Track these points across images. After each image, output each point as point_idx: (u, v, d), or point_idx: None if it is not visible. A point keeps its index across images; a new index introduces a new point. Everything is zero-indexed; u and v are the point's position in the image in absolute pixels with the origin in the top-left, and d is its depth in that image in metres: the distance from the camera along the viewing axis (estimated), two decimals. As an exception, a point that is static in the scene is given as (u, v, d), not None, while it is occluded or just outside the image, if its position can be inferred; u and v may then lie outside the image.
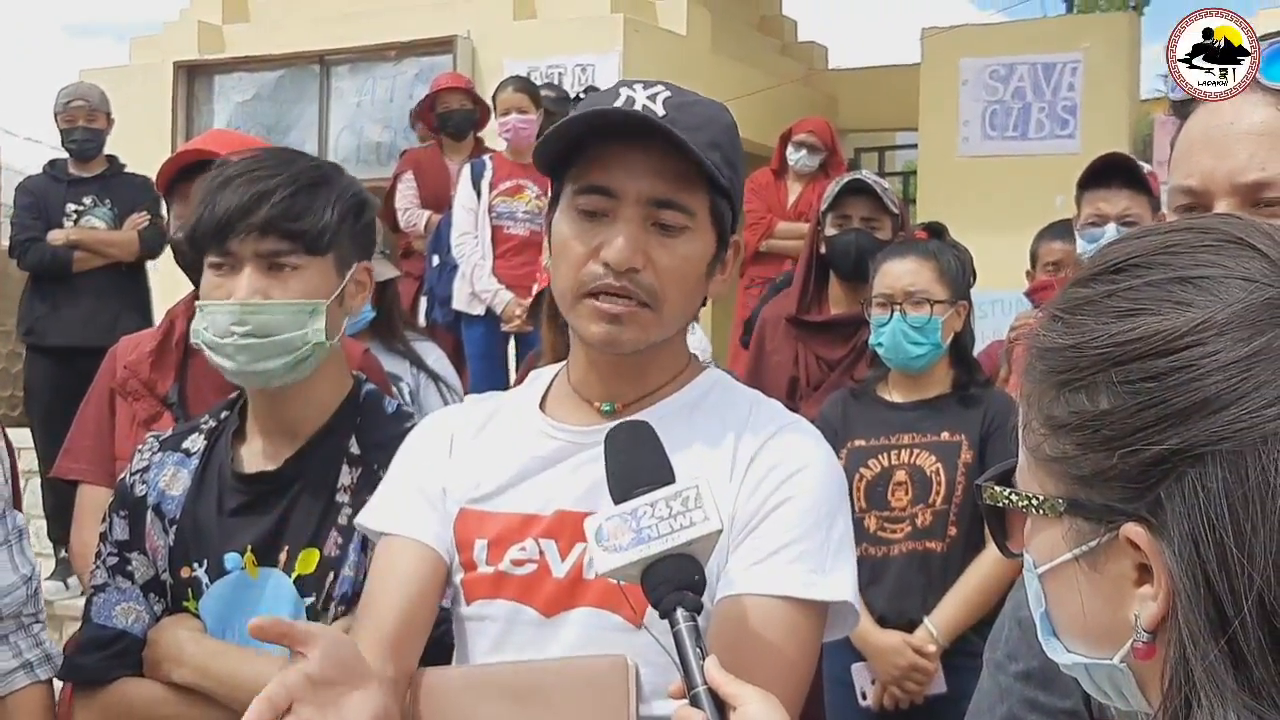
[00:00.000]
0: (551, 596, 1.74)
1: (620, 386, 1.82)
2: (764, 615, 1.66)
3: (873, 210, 4.30)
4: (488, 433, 1.88)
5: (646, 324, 1.74)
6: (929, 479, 3.53)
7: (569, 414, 1.84)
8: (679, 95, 1.73)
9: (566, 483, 1.77)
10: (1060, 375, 1.00)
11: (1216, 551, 0.90)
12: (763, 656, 1.63)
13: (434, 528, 1.82)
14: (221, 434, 2.29)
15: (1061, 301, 1.03)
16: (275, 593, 2.15)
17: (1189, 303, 0.95)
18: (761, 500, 1.71)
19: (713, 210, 1.76)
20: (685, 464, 1.59)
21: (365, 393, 2.30)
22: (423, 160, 7.58)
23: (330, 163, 2.31)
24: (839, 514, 1.75)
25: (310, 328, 2.13)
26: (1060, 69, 10.65)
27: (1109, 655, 1.00)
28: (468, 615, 1.82)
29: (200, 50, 11.75)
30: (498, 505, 1.80)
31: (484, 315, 6.80)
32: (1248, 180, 1.47)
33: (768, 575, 1.67)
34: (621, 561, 1.47)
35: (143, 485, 2.27)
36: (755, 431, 1.78)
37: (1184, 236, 1.00)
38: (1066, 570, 1.01)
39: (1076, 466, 0.98)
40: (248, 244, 2.11)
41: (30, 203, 6.90)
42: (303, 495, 2.18)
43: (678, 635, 1.43)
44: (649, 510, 1.47)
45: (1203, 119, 1.53)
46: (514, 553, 1.77)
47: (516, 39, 10.32)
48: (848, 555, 1.74)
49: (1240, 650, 0.89)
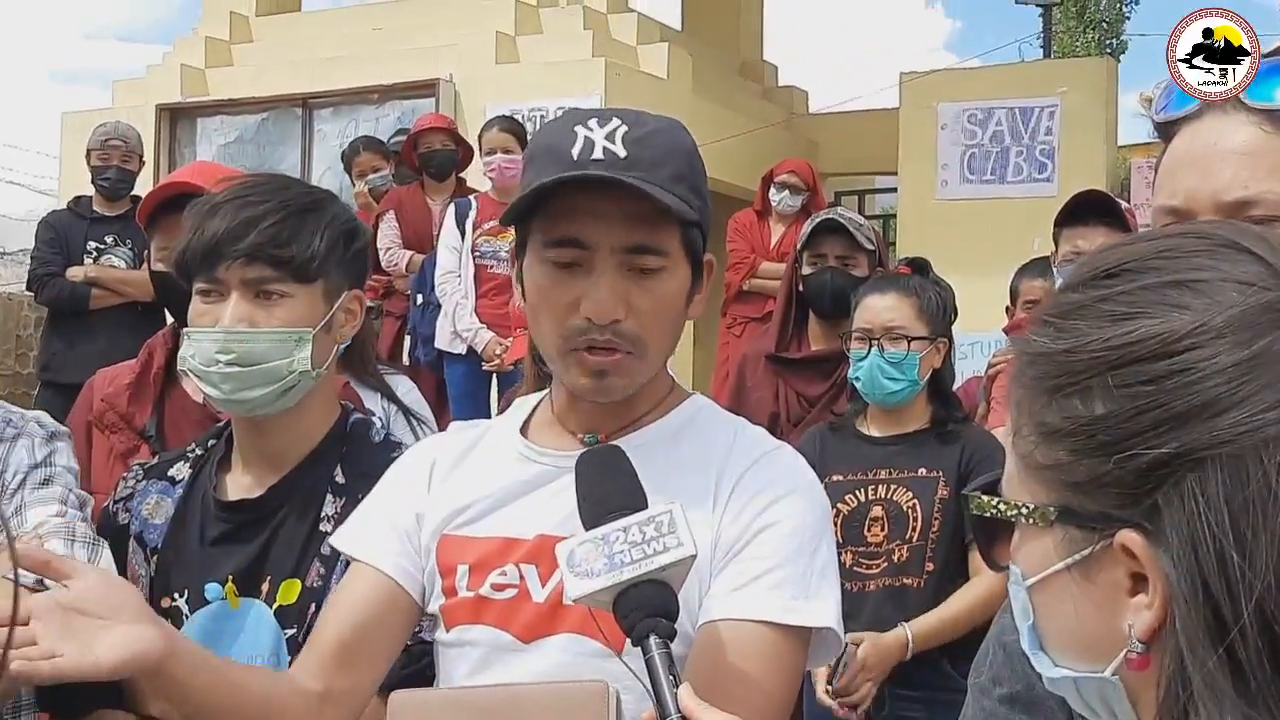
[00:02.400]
0: (530, 622, 1.73)
1: (604, 419, 1.81)
2: (745, 641, 1.64)
3: (848, 248, 4.31)
4: (471, 459, 1.87)
5: (633, 371, 1.73)
6: (905, 515, 3.52)
7: (551, 440, 1.83)
8: (636, 127, 1.69)
9: (548, 507, 1.75)
10: (1053, 380, 0.98)
11: (1216, 557, 0.88)
12: (743, 683, 1.61)
13: (394, 557, 1.81)
14: (207, 462, 2.27)
15: (1052, 307, 1.02)
16: (256, 624, 2.12)
17: (1186, 306, 0.93)
18: (744, 526, 1.70)
19: (686, 243, 1.74)
20: (668, 490, 1.56)
21: (352, 422, 2.28)
22: (405, 200, 7.59)
23: (323, 189, 2.29)
24: (823, 540, 1.73)
25: (296, 356, 2.11)
26: (1037, 113, 10.71)
27: (1100, 668, 0.98)
28: (446, 641, 1.80)
29: (183, 93, 11.78)
30: (479, 530, 1.79)
31: (466, 354, 6.80)
32: (1231, 199, 1.47)
33: (749, 601, 1.65)
34: (593, 587, 1.44)
35: (125, 514, 2.25)
36: (738, 458, 1.76)
37: (1178, 241, 0.99)
38: (1057, 581, 0.99)
39: (1070, 473, 0.97)
40: (235, 271, 2.08)
41: (52, 238, 6.91)
42: (285, 524, 2.15)
43: (650, 662, 1.41)
44: (622, 536, 1.45)
45: (1186, 139, 1.53)
46: (494, 577, 1.75)
47: (499, 82, 10.37)
48: (831, 581, 1.72)
49: (1239, 658, 0.88)
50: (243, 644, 2.11)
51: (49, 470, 2.11)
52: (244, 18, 12.38)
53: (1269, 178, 1.47)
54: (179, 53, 12.32)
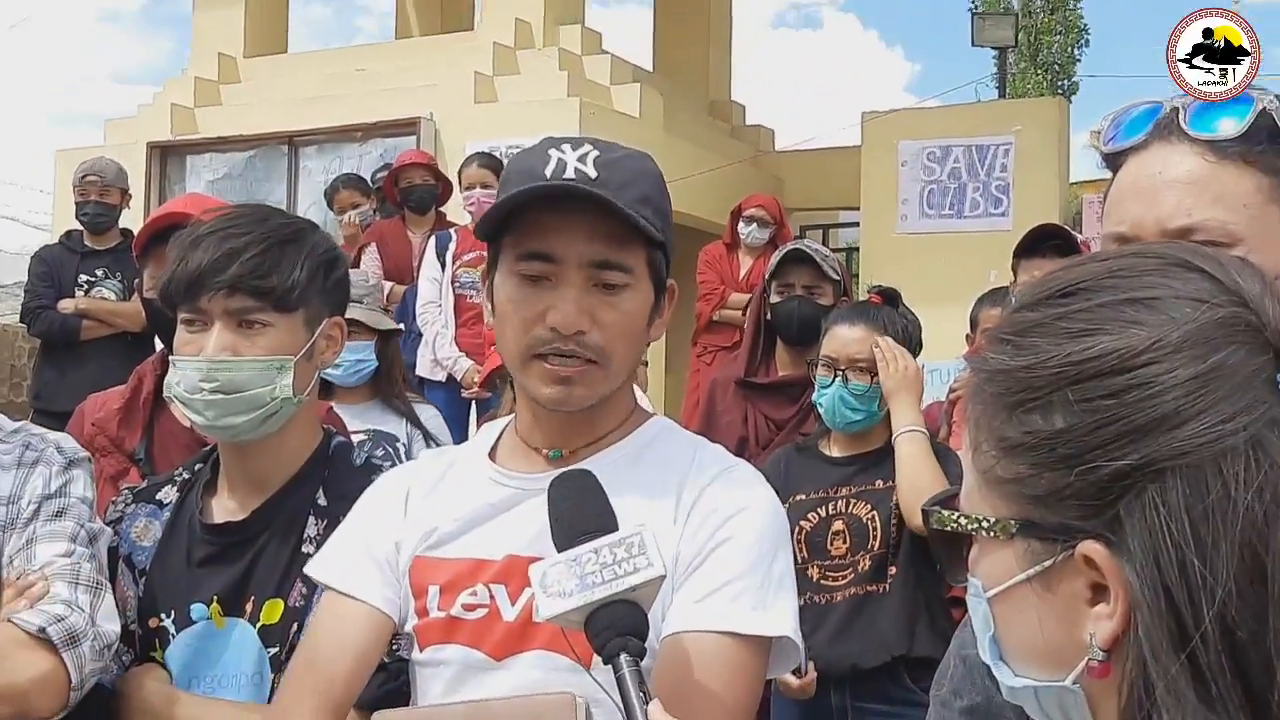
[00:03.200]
0: (501, 640, 1.72)
1: (567, 435, 1.81)
2: (707, 651, 1.64)
3: (814, 278, 4.34)
4: (443, 485, 1.86)
5: (596, 381, 1.74)
6: (865, 526, 3.55)
7: (518, 462, 1.83)
8: (606, 152, 1.72)
9: (515, 528, 1.75)
10: (1013, 396, 0.97)
11: (1178, 566, 0.88)
12: (706, 692, 1.61)
13: (381, 590, 1.80)
14: (194, 486, 2.26)
15: (1009, 325, 1.01)
16: (240, 643, 2.11)
17: (1142, 322, 0.93)
18: (704, 541, 1.70)
19: (650, 263, 1.76)
20: (630, 507, 1.57)
21: (334, 445, 2.27)
22: (386, 232, 7.60)
23: (304, 219, 2.28)
24: (780, 552, 1.74)
25: (279, 383, 2.10)
26: (993, 151, 10.78)
27: (1061, 677, 0.97)
28: (421, 661, 1.79)
29: (173, 131, 11.75)
30: (449, 551, 1.79)
31: (445, 382, 6.80)
32: (1175, 226, 1.48)
33: (710, 612, 1.65)
34: (565, 607, 1.44)
35: (115, 537, 2.23)
36: (698, 475, 1.77)
37: (1132, 261, 0.99)
38: (1018, 592, 0.99)
39: (1031, 486, 0.96)
40: (217, 301, 2.08)
41: (44, 271, 6.90)
42: (269, 546, 2.14)
43: (621, 680, 1.41)
44: (593, 557, 1.45)
45: (1133, 170, 1.54)
46: (465, 598, 1.75)
47: (478, 121, 10.37)
48: (788, 591, 1.72)
49: (1200, 665, 0.88)
50: (227, 662, 2.10)
51: (63, 501, 2.08)
52: (231, 59, 12.36)
53: (1211, 206, 1.48)
54: (169, 92, 12.28)
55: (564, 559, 1.46)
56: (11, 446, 2.12)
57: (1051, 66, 26.16)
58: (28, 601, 1.92)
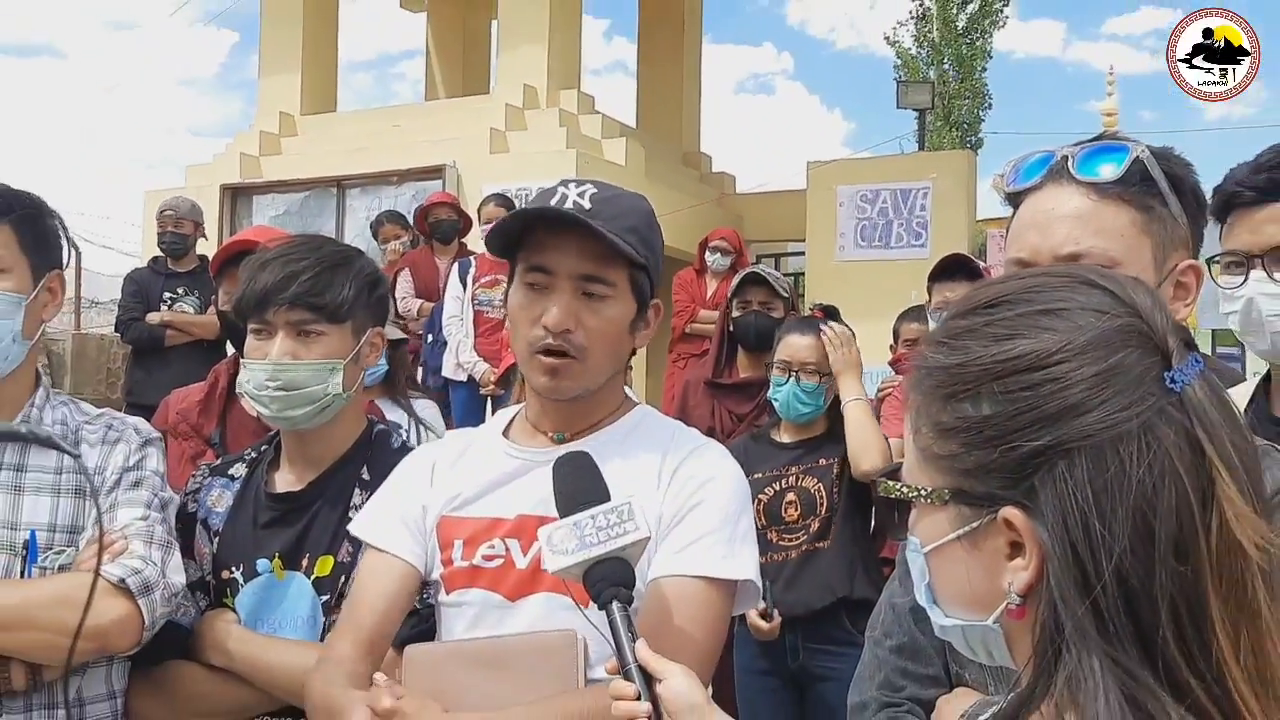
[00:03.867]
0: (515, 584, 1.73)
1: (569, 421, 1.82)
2: (686, 592, 1.66)
3: (768, 296, 4.36)
4: (465, 458, 1.87)
5: (578, 374, 1.76)
6: (813, 496, 3.56)
7: (528, 440, 1.84)
8: (604, 191, 1.76)
9: (525, 492, 1.76)
10: (948, 388, 0.98)
11: (1083, 527, 0.89)
12: (685, 625, 1.63)
13: (409, 545, 1.81)
14: (260, 462, 2.26)
15: (943, 331, 1.01)
16: (298, 591, 2.11)
17: (1054, 329, 0.94)
18: (681, 503, 1.72)
19: (632, 281, 1.78)
20: (621, 476, 1.60)
21: (376, 432, 2.27)
22: (417, 259, 7.60)
23: (352, 247, 2.28)
24: (743, 513, 1.76)
25: (330, 382, 2.10)
26: (915, 193, 10.80)
27: (984, 618, 0.99)
28: (447, 603, 1.80)
29: (242, 175, 11.71)
30: (470, 511, 1.80)
31: (466, 382, 6.79)
32: (1065, 253, 1.48)
33: (688, 560, 1.68)
34: (568, 563, 1.46)
35: (194, 504, 2.23)
36: (676, 450, 1.78)
37: (1043, 280, 1.00)
38: (949, 548, 1.00)
39: (961, 461, 0.97)
40: (280, 314, 2.09)
41: (135, 290, 6.95)
42: (322, 512, 2.14)
43: (613, 623, 1.43)
44: (590, 522, 1.47)
45: (1030, 206, 1.54)
46: (485, 550, 1.76)
47: (492, 168, 10.36)
48: (751, 544, 1.75)
49: (1100, 608, 0.89)
50: (286, 608, 2.10)
51: (140, 474, 2.07)
52: (290, 116, 12.32)
53: (1095, 236, 1.48)
54: (238, 143, 12.24)
55: (566, 523, 1.48)
56: (97, 427, 2.11)
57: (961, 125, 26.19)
58: (110, 555, 1.91)
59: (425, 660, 1.74)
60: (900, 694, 1.69)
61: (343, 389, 2.13)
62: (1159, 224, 1.49)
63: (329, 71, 13.04)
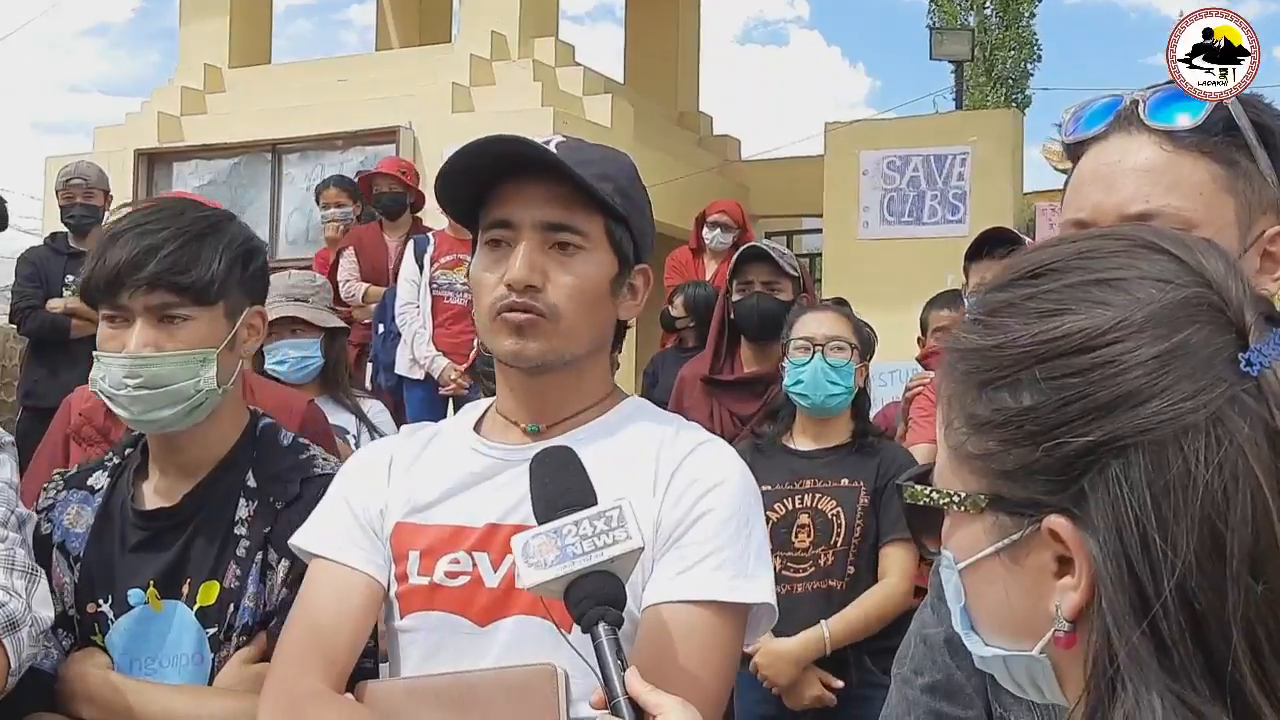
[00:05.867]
0: (485, 607, 1.71)
1: (544, 411, 1.80)
2: (690, 620, 1.64)
3: (772, 274, 4.32)
4: (426, 454, 1.85)
5: (549, 335, 1.73)
6: (830, 522, 3.52)
7: (500, 435, 1.83)
8: (573, 141, 1.77)
9: (496, 497, 1.74)
10: (983, 375, 0.96)
11: (1140, 539, 0.87)
12: (690, 659, 1.61)
13: (371, 557, 1.79)
14: (124, 471, 2.21)
15: (980, 306, 1.00)
16: (179, 625, 2.07)
17: (1108, 303, 0.92)
18: (683, 513, 1.69)
19: (609, 233, 1.76)
20: (610, 479, 1.56)
21: (261, 427, 2.23)
22: (364, 237, 7.59)
23: (222, 211, 2.22)
24: (755, 523, 1.74)
25: (202, 376, 2.06)
26: (950, 160, 10.81)
27: (1028, 647, 0.97)
28: (402, 628, 1.77)
29: (160, 139, 11.69)
30: (430, 518, 1.77)
31: (424, 380, 6.78)
32: (1133, 211, 1.47)
33: (693, 583, 1.65)
34: (546, 577, 1.43)
35: (48, 524, 2.17)
36: (675, 449, 1.76)
37: (1099, 243, 0.98)
38: (987, 564, 0.98)
39: (999, 462, 0.95)
40: (138, 298, 2.03)
41: (31, 272, 6.84)
42: (201, 530, 2.10)
43: (599, 648, 1.40)
44: (573, 529, 1.44)
45: (1093, 158, 1.53)
46: (446, 565, 1.74)
47: (454, 130, 10.29)
48: (765, 561, 1.73)
49: (1161, 635, 0.87)
50: (168, 645, 2.07)
51: None
52: (217, 69, 12.31)
53: (1168, 193, 1.46)
54: (156, 101, 12.22)
55: (545, 530, 1.45)
56: None
57: (1006, 80, 26.27)
58: None
59: (382, 699, 1.73)
60: (934, 741, 1.67)
61: (217, 383, 2.08)
62: (1245, 182, 1.48)
63: (262, 17, 13.03)
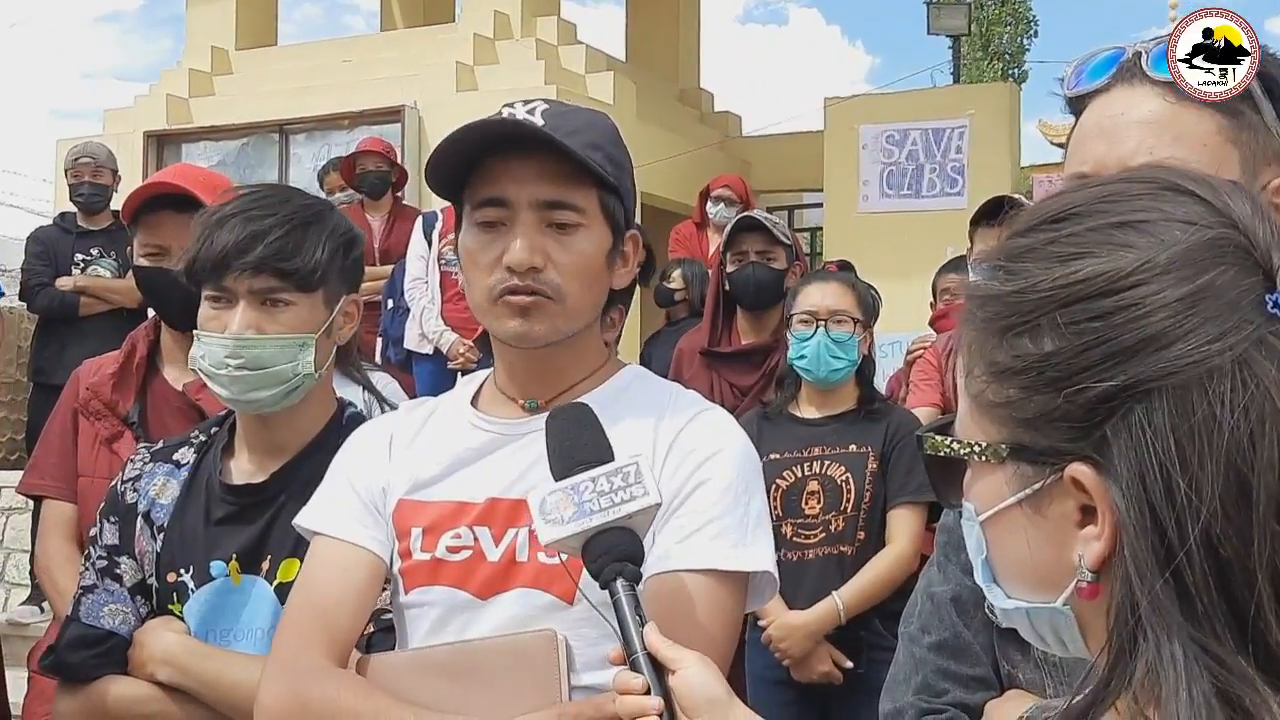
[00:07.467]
0: (486, 580, 1.69)
1: (541, 385, 1.78)
2: (691, 589, 1.62)
3: (766, 243, 4.29)
4: (426, 430, 1.83)
5: (554, 315, 1.71)
6: (840, 488, 3.51)
7: (498, 410, 1.80)
8: (556, 106, 1.72)
9: (496, 472, 1.72)
10: (1003, 321, 0.93)
11: (1163, 485, 0.84)
12: (691, 627, 1.58)
13: (374, 533, 1.77)
14: (211, 448, 2.22)
15: (1001, 252, 0.97)
16: (257, 599, 2.09)
17: (1131, 245, 0.89)
18: (682, 481, 1.67)
19: (603, 205, 1.73)
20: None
21: (348, 415, 2.25)
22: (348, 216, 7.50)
23: (323, 200, 2.24)
24: (755, 491, 1.72)
25: (300, 360, 2.09)
26: (949, 134, 10.79)
27: (1051, 598, 0.94)
28: (407, 603, 1.76)
29: (169, 121, 11.66)
30: (432, 494, 1.75)
31: (432, 354, 6.74)
32: (1137, 164, 1.44)
33: (693, 551, 1.63)
34: (564, 533, 1.42)
35: (134, 493, 2.19)
36: (674, 417, 1.74)
37: (1121, 186, 0.95)
38: (1009, 515, 0.95)
39: (1021, 410, 0.92)
40: (242, 281, 2.06)
41: (41, 250, 6.80)
42: (287, 508, 2.09)
43: (618, 604, 1.39)
44: (590, 485, 1.43)
45: (1095, 112, 1.50)
46: (449, 540, 1.72)
47: (459, 109, 10.24)
48: (765, 529, 1.71)
49: (1185, 583, 0.84)
50: (245, 618, 2.08)
51: None
52: (224, 51, 12.26)
53: (1172, 145, 1.44)
54: (164, 84, 12.18)
55: (562, 487, 1.44)
56: None
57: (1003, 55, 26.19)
58: None
59: (383, 671, 1.71)
60: (942, 699, 1.66)
61: (314, 368, 2.11)
62: (1249, 133, 1.45)
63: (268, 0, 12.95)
